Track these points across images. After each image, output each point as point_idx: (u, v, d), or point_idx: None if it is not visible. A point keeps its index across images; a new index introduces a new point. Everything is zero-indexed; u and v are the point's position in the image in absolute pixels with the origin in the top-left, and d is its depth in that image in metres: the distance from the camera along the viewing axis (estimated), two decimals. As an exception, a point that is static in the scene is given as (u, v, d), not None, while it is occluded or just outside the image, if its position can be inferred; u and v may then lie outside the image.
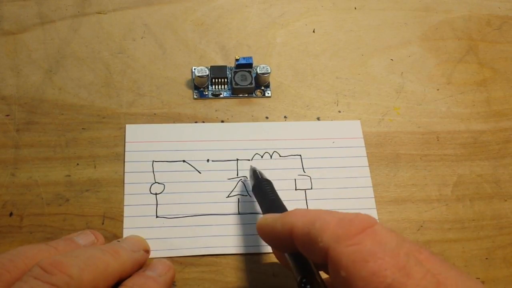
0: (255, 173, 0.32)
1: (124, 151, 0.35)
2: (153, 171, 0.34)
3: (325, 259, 0.21)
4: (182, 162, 0.35)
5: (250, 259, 0.32)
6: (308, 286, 0.23)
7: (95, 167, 0.34)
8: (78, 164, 0.34)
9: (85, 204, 0.33)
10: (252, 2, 0.43)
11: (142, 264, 0.30)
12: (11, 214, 0.32)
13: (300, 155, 0.36)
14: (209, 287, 0.31)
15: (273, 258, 0.32)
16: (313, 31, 0.42)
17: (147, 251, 0.31)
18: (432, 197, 0.35)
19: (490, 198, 0.36)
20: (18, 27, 0.39)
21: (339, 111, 0.38)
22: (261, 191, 0.31)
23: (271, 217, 0.26)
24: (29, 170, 0.33)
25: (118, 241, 0.30)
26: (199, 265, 0.32)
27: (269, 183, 0.31)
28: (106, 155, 0.34)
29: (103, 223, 0.32)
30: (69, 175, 0.34)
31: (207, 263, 0.32)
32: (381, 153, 0.37)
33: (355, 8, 0.43)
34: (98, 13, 0.41)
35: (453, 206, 0.35)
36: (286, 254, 0.26)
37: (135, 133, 0.35)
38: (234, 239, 0.32)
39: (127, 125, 0.36)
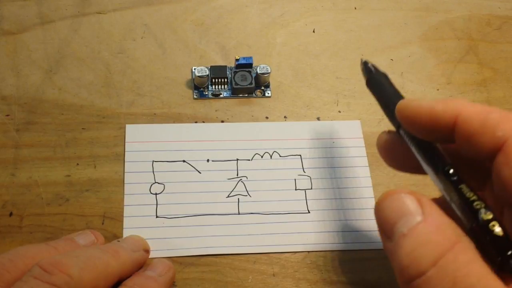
0: (367, 67, 0.30)
1: (124, 151, 0.35)
2: (153, 171, 0.34)
3: (495, 151, 0.21)
4: (182, 162, 0.35)
5: (250, 259, 0.32)
6: (457, 176, 0.22)
7: (95, 167, 0.34)
8: (78, 164, 0.34)
9: (85, 204, 0.33)
10: (252, 2, 0.43)
11: (142, 264, 0.30)
12: (11, 214, 0.32)
13: (300, 155, 0.36)
14: (209, 287, 0.31)
15: (273, 258, 0.32)
16: (313, 31, 0.42)
17: (147, 251, 0.31)
18: (432, 197, 0.35)
19: (490, 198, 0.36)
20: (18, 27, 0.39)
21: (339, 111, 0.38)
22: (379, 86, 0.29)
23: (425, 100, 0.24)
24: (29, 170, 0.33)
25: (118, 241, 0.30)
26: (199, 265, 0.32)
27: (384, 76, 0.29)
28: (106, 155, 0.35)
29: (103, 223, 0.32)
30: (69, 175, 0.34)
31: (207, 263, 0.32)
32: (381, 153, 0.36)
33: (355, 8, 0.43)
34: (98, 13, 0.41)
35: (453, 206, 0.35)
36: (415, 147, 0.24)
37: (135, 133, 0.35)
38: (234, 239, 0.32)
39: (127, 125, 0.36)
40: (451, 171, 0.22)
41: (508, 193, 0.20)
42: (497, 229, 0.19)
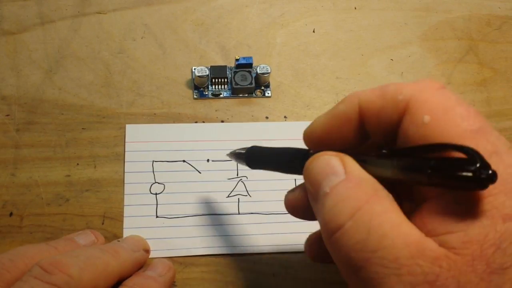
0: (236, 154, 0.30)
1: (124, 151, 0.35)
2: (153, 171, 0.34)
3: (402, 114, 0.21)
4: (182, 162, 0.35)
5: (250, 259, 0.32)
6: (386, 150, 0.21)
7: (95, 167, 0.34)
8: (78, 164, 0.34)
9: (85, 204, 0.33)
10: (252, 2, 0.43)
11: (142, 264, 0.30)
12: (11, 214, 0.32)
13: (300, 155, 0.36)
14: (209, 287, 0.31)
15: (273, 258, 0.32)
16: (313, 31, 0.42)
17: (147, 251, 0.31)
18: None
19: (490, 198, 0.36)
20: (18, 27, 0.39)
21: (339, 111, 0.38)
22: (261, 155, 0.28)
23: (322, 115, 0.24)
24: (29, 170, 0.33)
25: (118, 241, 0.30)
26: (199, 265, 0.32)
27: (254, 148, 0.29)
28: (106, 155, 0.34)
29: (103, 223, 0.32)
30: (69, 175, 0.34)
31: (207, 263, 0.32)
32: (381, 153, 0.36)
33: (355, 8, 0.43)
34: (98, 13, 0.41)
35: (453, 206, 0.35)
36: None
37: (135, 133, 0.35)
38: (234, 239, 0.32)
39: (127, 125, 0.36)
40: (389, 150, 0.21)
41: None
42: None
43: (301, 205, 0.25)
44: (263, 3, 0.43)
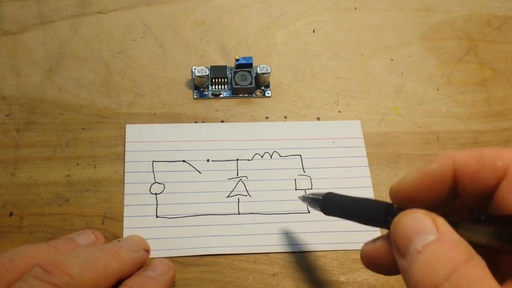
0: (309, 199, 0.29)
1: (124, 151, 0.35)
2: (153, 171, 0.34)
3: (498, 182, 0.21)
4: (182, 162, 0.35)
5: (250, 259, 0.32)
6: (482, 216, 0.21)
7: (95, 167, 0.34)
8: (78, 164, 0.34)
9: (85, 204, 0.33)
10: (252, 2, 0.43)
11: (142, 264, 0.30)
12: (11, 214, 0.32)
13: (300, 155, 0.36)
14: (209, 287, 0.31)
15: (273, 258, 0.32)
16: (313, 31, 0.42)
17: (147, 251, 0.31)
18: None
19: (490, 198, 0.36)
20: (18, 27, 0.39)
21: (339, 111, 0.38)
22: (339, 204, 0.28)
23: (412, 171, 0.24)
24: (29, 170, 0.33)
25: (118, 241, 0.30)
26: (199, 265, 0.32)
27: (330, 194, 0.28)
28: (106, 155, 0.35)
29: (103, 223, 0.32)
30: (69, 175, 0.34)
31: (207, 263, 0.32)
32: (381, 153, 0.36)
33: (355, 8, 0.43)
34: (98, 13, 0.41)
35: (453, 206, 0.35)
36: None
37: (135, 133, 0.35)
38: (234, 239, 0.32)
39: (127, 125, 0.36)
40: (478, 212, 0.22)
41: None
42: None
43: (381, 258, 0.24)
44: (263, 3, 0.43)
